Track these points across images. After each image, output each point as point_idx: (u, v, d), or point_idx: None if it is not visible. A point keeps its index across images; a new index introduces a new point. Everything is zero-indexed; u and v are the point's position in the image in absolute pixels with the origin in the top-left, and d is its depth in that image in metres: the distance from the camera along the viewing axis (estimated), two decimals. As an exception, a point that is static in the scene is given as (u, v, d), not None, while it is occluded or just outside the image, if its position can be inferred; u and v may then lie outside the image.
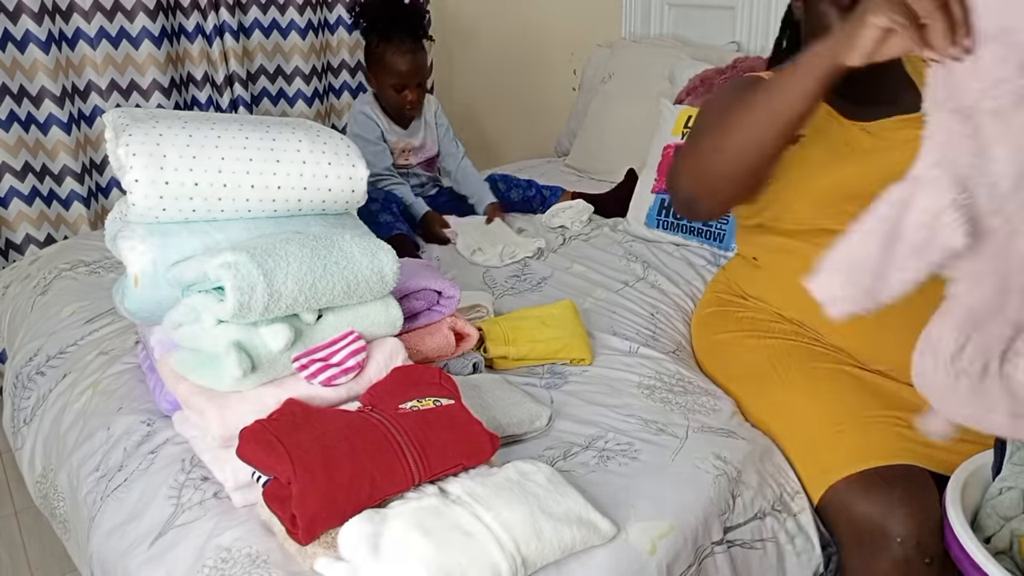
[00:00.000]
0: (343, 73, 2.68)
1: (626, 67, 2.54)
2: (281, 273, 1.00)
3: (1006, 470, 1.03)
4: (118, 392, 1.28)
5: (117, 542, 1.02)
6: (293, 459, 0.88)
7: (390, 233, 1.84)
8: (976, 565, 0.91)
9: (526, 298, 1.63)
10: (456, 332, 1.31)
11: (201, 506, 1.02)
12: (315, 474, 0.87)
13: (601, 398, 1.26)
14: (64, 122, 2.10)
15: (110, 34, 2.15)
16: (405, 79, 2.01)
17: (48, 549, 1.71)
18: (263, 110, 2.54)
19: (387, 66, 2.01)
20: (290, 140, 1.16)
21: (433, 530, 0.85)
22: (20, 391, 1.47)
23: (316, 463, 0.88)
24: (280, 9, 2.46)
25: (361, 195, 1.21)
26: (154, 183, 1.07)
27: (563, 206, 2.07)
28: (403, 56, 1.99)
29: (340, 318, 1.09)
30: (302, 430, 0.94)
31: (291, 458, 0.88)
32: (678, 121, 1.96)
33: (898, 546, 1.01)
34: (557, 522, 0.89)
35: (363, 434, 0.94)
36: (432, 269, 1.36)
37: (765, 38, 2.41)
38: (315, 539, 0.88)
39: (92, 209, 2.20)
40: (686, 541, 1.00)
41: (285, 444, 0.90)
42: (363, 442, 0.92)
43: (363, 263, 1.08)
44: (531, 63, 3.04)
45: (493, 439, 0.99)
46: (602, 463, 1.09)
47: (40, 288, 1.71)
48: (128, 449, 1.15)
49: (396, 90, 2.02)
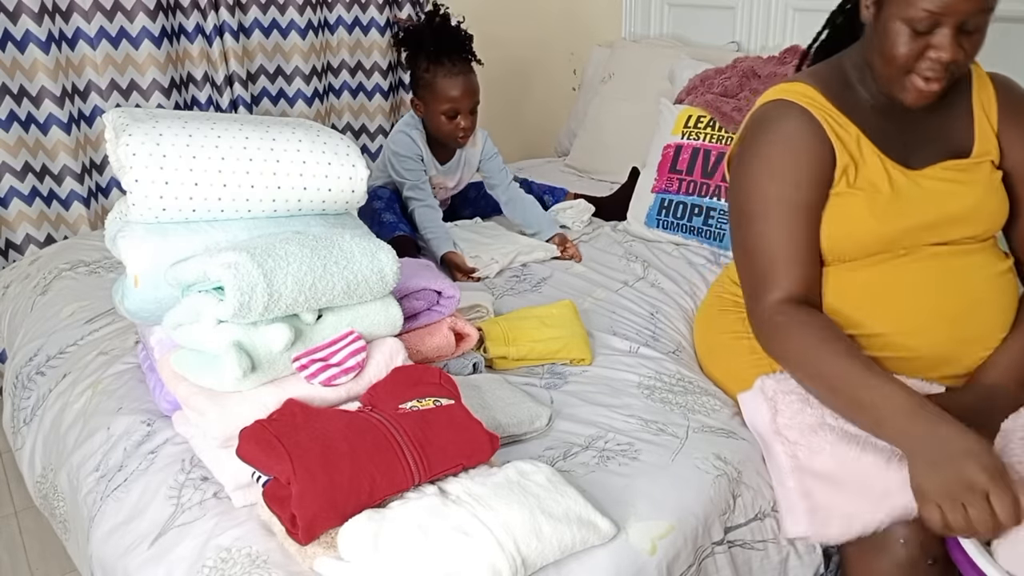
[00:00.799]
0: (343, 73, 2.67)
1: (626, 67, 2.54)
2: (281, 273, 1.00)
3: (1009, 472, 1.02)
4: (118, 392, 1.28)
5: (117, 542, 1.02)
6: (293, 459, 0.88)
7: (392, 234, 1.82)
8: (976, 567, 0.91)
9: (526, 298, 1.63)
10: (456, 332, 1.31)
11: (201, 506, 1.02)
12: (315, 474, 0.87)
13: (601, 398, 1.26)
14: (64, 122, 2.09)
15: (110, 34, 2.14)
16: (458, 104, 1.84)
17: (48, 549, 1.71)
18: (263, 110, 2.53)
19: (438, 91, 1.84)
20: (290, 140, 1.16)
21: (433, 530, 0.85)
22: (20, 391, 1.47)
23: (316, 463, 0.88)
24: (280, 9, 2.46)
25: (361, 195, 1.21)
26: (154, 183, 1.07)
27: (564, 205, 2.07)
28: (455, 79, 1.83)
29: (340, 318, 1.09)
30: (302, 430, 0.94)
31: (291, 458, 0.88)
32: (678, 121, 1.96)
33: (901, 547, 1.01)
34: (557, 522, 0.89)
35: (363, 434, 0.94)
36: (432, 269, 1.36)
37: (765, 38, 2.41)
38: (315, 539, 0.88)
39: (92, 209, 2.20)
40: (686, 541, 1.00)
41: (285, 444, 0.90)
42: (363, 442, 0.92)
43: (363, 263, 1.08)
44: (531, 63, 3.04)
45: (493, 439, 0.99)
46: (602, 463, 1.09)
47: (40, 288, 1.71)
48: (128, 449, 1.15)
49: (448, 116, 1.85)
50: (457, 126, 1.87)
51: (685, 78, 2.19)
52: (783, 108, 1.19)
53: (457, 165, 2.00)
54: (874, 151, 1.16)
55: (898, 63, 1.08)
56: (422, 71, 1.87)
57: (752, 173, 1.18)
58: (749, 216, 1.18)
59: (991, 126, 1.19)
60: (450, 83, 1.83)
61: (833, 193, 1.16)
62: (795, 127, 1.16)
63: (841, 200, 1.15)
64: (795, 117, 1.17)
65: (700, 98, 1.99)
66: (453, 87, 1.83)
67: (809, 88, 1.19)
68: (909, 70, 1.08)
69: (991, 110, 1.19)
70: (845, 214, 1.15)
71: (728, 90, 1.98)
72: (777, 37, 2.37)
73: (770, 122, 1.20)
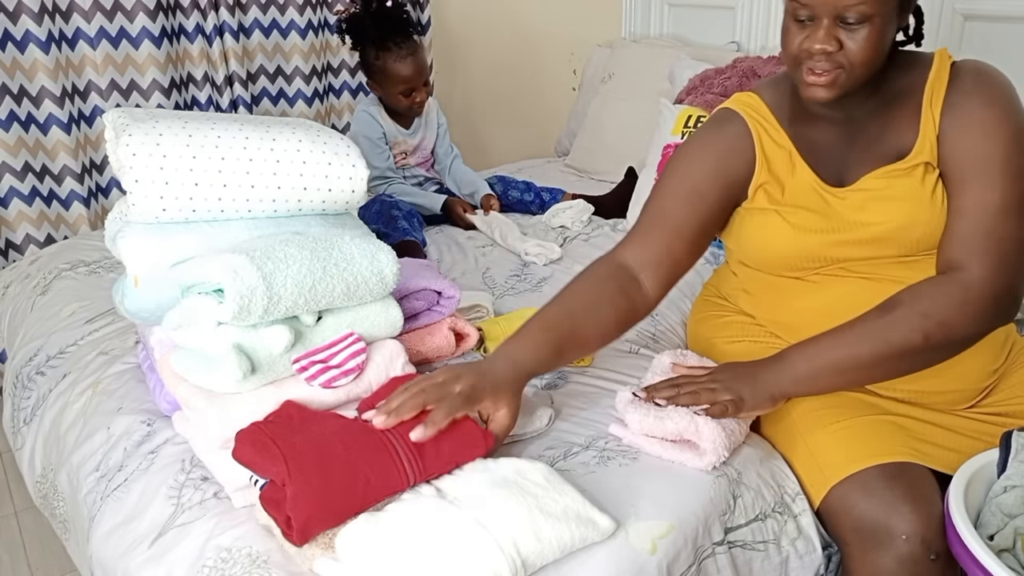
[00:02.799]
0: (343, 73, 2.68)
1: (626, 67, 2.54)
2: (280, 276, 1.00)
3: (1011, 468, 1.03)
4: (118, 392, 1.28)
5: (117, 542, 1.02)
6: (287, 461, 0.88)
7: (403, 237, 1.84)
8: (979, 563, 0.91)
9: (526, 298, 1.63)
10: (456, 332, 1.31)
11: (201, 506, 1.02)
12: (309, 476, 0.87)
13: (602, 399, 1.26)
14: (64, 122, 2.09)
15: (110, 34, 2.15)
16: (412, 82, 1.99)
17: (48, 549, 1.71)
18: (263, 110, 2.54)
19: (391, 75, 1.98)
20: (290, 140, 1.16)
21: (432, 533, 0.85)
22: (20, 391, 1.47)
23: (311, 465, 0.88)
24: (280, 9, 2.46)
25: (361, 195, 1.21)
26: (154, 183, 1.07)
27: (563, 206, 2.07)
28: (405, 60, 1.97)
29: (340, 319, 1.09)
30: (297, 432, 0.93)
31: (285, 460, 0.88)
32: (678, 121, 1.95)
33: (903, 543, 1.01)
34: (556, 521, 0.89)
35: (358, 436, 0.94)
36: (432, 269, 1.35)
37: (765, 38, 2.41)
38: (310, 541, 0.88)
39: (92, 209, 2.20)
40: (686, 541, 1.00)
41: (280, 446, 0.90)
42: (357, 443, 0.92)
43: (363, 264, 1.08)
44: (531, 63, 3.04)
45: (487, 435, 0.99)
46: (602, 463, 1.09)
47: (40, 288, 1.71)
48: (128, 449, 1.15)
49: (405, 95, 2.01)
50: (414, 100, 2.02)
51: (685, 78, 2.19)
52: (724, 114, 1.23)
53: (418, 125, 2.15)
54: (805, 168, 1.17)
55: (789, 55, 1.10)
56: (372, 59, 2.00)
57: (675, 156, 1.24)
58: (656, 187, 1.24)
59: (934, 122, 1.10)
60: (401, 66, 1.97)
61: (755, 208, 1.19)
62: (727, 131, 1.21)
63: (764, 216, 1.18)
64: (730, 123, 1.21)
65: (700, 98, 1.99)
66: (404, 68, 1.97)
67: (755, 99, 1.22)
68: (800, 63, 1.08)
69: (937, 105, 1.10)
70: (766, 229, 1.18)
71: (728, 90, 1.98)
72: (777, 37, 2.35)
73: (709, 124, 1.25)
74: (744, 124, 1.20)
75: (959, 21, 2.01)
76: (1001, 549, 0.98)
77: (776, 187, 1.18)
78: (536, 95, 3.09)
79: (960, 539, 0.94)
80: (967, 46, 2.00)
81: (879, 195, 1.12)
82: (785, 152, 1.18)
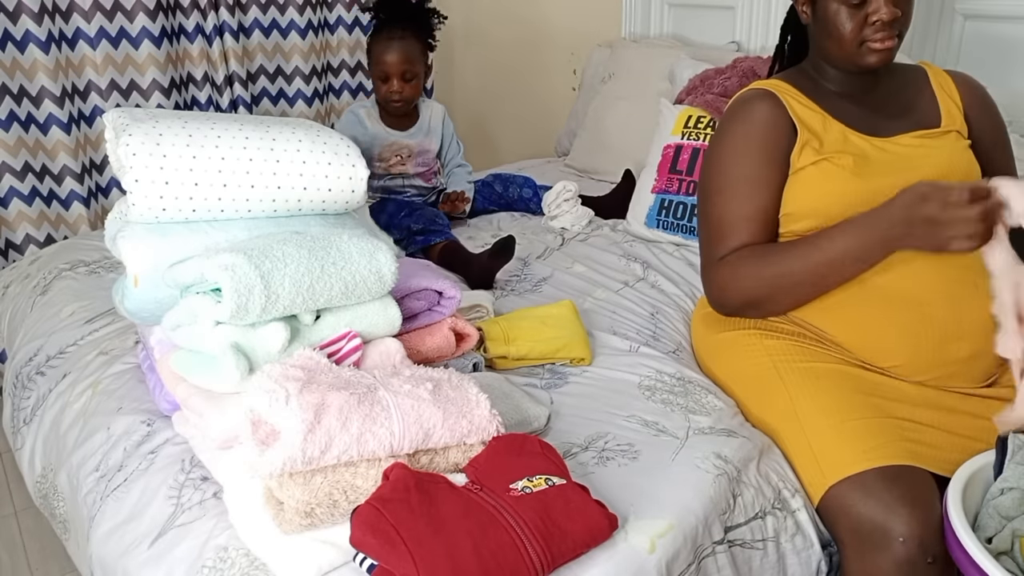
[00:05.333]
0: (343, 73, 2.68)
1: (626, 67, 2.54)
2: (279, 275, 1.00)
3: (1008, 470, 1.03)
4: (118, 392, 1.28)
5: (117, 542, 1.02)
6: (416, 560, 0.82)
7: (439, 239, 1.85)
8: (977, 566, 0.91)
9: (526, 298, 1.63)
10: (456, 332, 1.31)
11: (201, 506, 1.02)
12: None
13: (601, 398, 1.26)
14: (64, 122, 2.10)
15: (110, 34, 2.15)
16: (388, 68, 1.95)
17: (48, 549, 1.71)
18: (263, 110, 2.54)
19: (374, 56, 1.97)
20: (290, 140, 1.16)
21: None
22: (20, 391, 1.47)
23: (442, 566, 0.83)
24: (280, 9, 2.46)
25: (361, 195, 1.21)
26: (154, 183, 1.07)
27: (563, 206, 2.06)
28: (387, 44, 1.94)
29: (338, 318, 1.09)
30: (419, 516, 0.87)
31: (414, 559, 0.82)
32: (678, 121, 1.96)
33: (900, 545, 1.01)
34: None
35: (484, 527, 0.88)
36: (432, 269, 1.35)
37: (765, 38, 2.41)
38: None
39: (92, 209, 2.20)
40: (686, 540, 1.00)
41: (404, 537, 0.84)
42: (485, 537, 0.86)
43: (361, 264, 1.08)
44: (531, 63, 3.04)
45: (611, 519, 0.94)
46: (602, 463, 1.09)
47: (40, 288, 1.71)
48: (128, 449, 1.15)
49: (383, 80, 1.97)
50: (390, 89, 1.97)
51: (685, 78, 2.19)
52: (752, 94, 1.30)
53: (418, 131, 2.10)
54: (841, 127, 1.26)
55: (848, 39, 1.20)
56: (368, 40, 2.02)
57: (720, 153, 1.29)
58: (715, 191, 1.28)
59: (956, 105, 1.29)
60: (382, 47, 1.96)
61: (805, 164, 1.23)
62: (760, 109, 1.27)
63: (816, 168, 1.23)
64: (761, 99, 1.28)
65: (700, 98, 1.99)
66: (384, 51, 1.95)
67: (779, 81, 1.32)
68: (862, 41, 1.20)
69: (953, 93, 1.30)
70: (824, 177, 1.22)
71: (728, 90, 1.98)
72: (777, 37, 2.37)
73: (739, 107, 1.30)
74: (772, 96, 1.27)
75: (959, 21, 2.01)
76: (999, 552, 0.98)
77: (816, 141, 1.24)
78: (536, 95, 3.09)
79: (959, 542, 0.94)
80: (967, 46, 2.00)
81: (920, 146, 1.24)
82: (817, 115, 1.27)
